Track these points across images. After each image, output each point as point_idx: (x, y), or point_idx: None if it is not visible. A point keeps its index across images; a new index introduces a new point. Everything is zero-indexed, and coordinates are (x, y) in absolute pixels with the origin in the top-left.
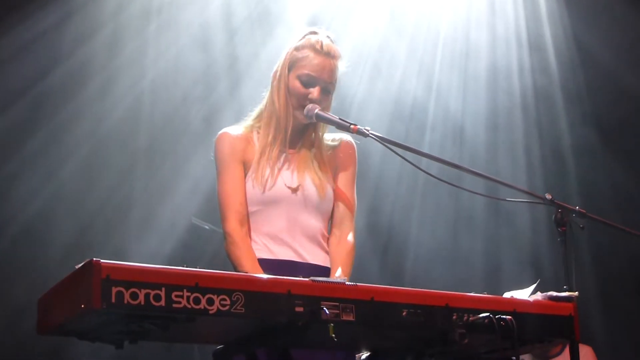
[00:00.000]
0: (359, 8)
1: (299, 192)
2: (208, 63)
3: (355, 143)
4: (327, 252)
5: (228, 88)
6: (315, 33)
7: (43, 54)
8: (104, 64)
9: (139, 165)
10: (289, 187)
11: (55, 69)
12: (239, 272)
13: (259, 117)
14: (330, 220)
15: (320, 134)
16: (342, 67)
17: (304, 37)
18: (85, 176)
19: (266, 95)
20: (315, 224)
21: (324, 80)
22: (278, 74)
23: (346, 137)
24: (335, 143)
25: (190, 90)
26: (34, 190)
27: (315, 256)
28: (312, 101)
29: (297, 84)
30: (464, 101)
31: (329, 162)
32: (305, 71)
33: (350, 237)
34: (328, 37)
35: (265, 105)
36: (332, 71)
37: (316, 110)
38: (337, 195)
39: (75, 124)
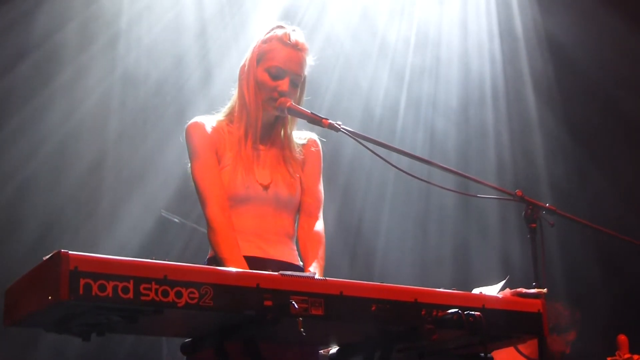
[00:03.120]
0: (331, 1)
1: (270, 190)
2: (179, 55)
3: (323, 141)
4: (294, 249)
5: (200, 81)
6: (282, 27)
7: (13, 43)
8: (75, 54)
9: (109, 158)
10: (260, 185)
11: (25, 58)
12: (218, 258)
13: (229, 113)
14: (298, 213)
15: (289, 130)
16: (310, 61)
17: (271, 30)
18: (55, 167)
19: (235, 91)
20: (285, 222)
21: (293, 72)
22: (246, 67)
23: (312, 134)
24: (303, 141)
25: (161, 83)
26: (2, 180)
27: (282, 253)
28: (281, 94)
29: (265, 77)
30: (435, 98)
31: (298, 159)
32: (274, 63)
33: (319, 226)
34: (295, 30)
35: (235, 100)
36: (300, 64)
37: (288, 104)
38: (305, 189)
39: (44, 115)
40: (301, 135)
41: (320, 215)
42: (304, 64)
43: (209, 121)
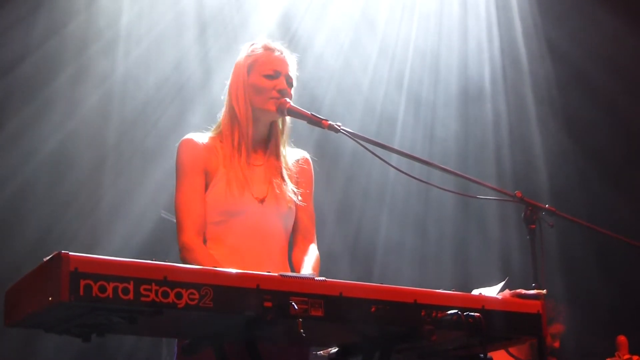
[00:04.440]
0: (331, 4)
1: (265, 203)
2: (179, 57)
3: (315, 160)
4: (288, 265)
5: (199, 82)
6: (259, 41)
7: (14, 43)
8: (76, 54)
9: (109, 158)
10: (256, 198)
11: (25, 60)
12: None
13: (219, 132)
14: (292, 232)
15: (282, 145)
16: (295, 66)
17: (251, 46)
18: (55, 168)
19: (221, 113)
20: (279, 235)
21: (286, 73)
22: (234, 83)
23: (304, 153)
24: (296, 157)
25: (160, 84)
26: (2, 182)
27: (277, 268)
28: (280, 91)
29: (262, 80)
30: (435, 99)
31: (293, 173)
32: (267, 66)
33: (314, 247)
34: (273, 41)
35: (224, 115)
36: (290, 66)
37: (287, 105)
38: (299, 209)
39: (45, 116)
40: (294, 152)
41: (315, 236)
42: (292, 66)
43: (202, 138)
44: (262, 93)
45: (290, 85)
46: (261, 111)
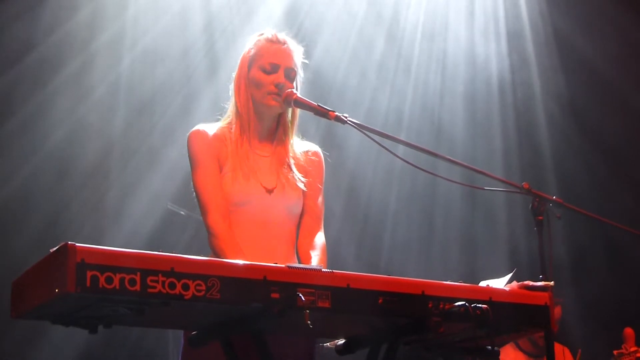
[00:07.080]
0: None
1: (274, 194)
2: (186, 48)
3: (326, 154)
4: (295, 255)
5: (205, 73)
6: (264, 33)
7: (19, 36)
8: (82, 47)
9: (116, 149)
10: (264, 188)
11: (32, 51)
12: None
13: (227, 119)
14: (300, 219)
15: (290, 136)
16: (301, 58)
17: (254, 39)
18: (61, 160)
19: (230, 101)
20: (287, 225)
21: (285, 66)
22: (238, 75)
23: (315, 146)
24: (306, 149)
25: (167, 75)
26: (9, 173)
27: (284, 258)
28: (278, 86)
29: (260, 74)
30: (442, 90)
31: (303, 164)
32: (266, 60)
33: (320, 237)
34: (279, 32)
35: (231, 106)
36: (291, 56)
37: (294, 97)
38: (307, 200)
39: (51, 107)
40: (304, 144)
41: (322, 227)
42: (294, 57)
43: (211, 129)
44: (260, 88)
45: (291, 78)
46: (262, 105)
